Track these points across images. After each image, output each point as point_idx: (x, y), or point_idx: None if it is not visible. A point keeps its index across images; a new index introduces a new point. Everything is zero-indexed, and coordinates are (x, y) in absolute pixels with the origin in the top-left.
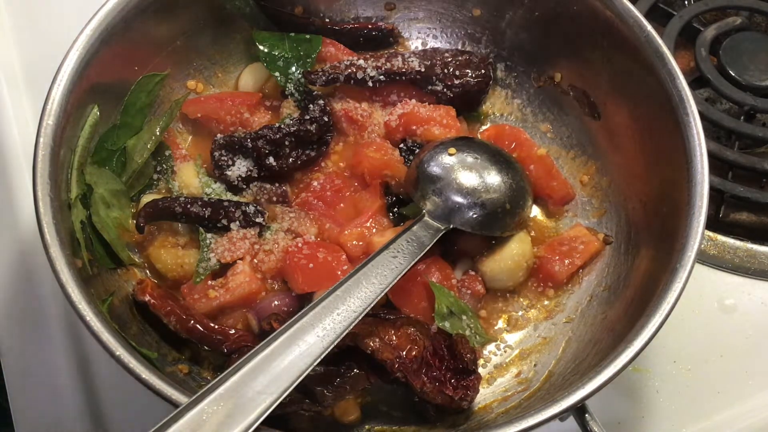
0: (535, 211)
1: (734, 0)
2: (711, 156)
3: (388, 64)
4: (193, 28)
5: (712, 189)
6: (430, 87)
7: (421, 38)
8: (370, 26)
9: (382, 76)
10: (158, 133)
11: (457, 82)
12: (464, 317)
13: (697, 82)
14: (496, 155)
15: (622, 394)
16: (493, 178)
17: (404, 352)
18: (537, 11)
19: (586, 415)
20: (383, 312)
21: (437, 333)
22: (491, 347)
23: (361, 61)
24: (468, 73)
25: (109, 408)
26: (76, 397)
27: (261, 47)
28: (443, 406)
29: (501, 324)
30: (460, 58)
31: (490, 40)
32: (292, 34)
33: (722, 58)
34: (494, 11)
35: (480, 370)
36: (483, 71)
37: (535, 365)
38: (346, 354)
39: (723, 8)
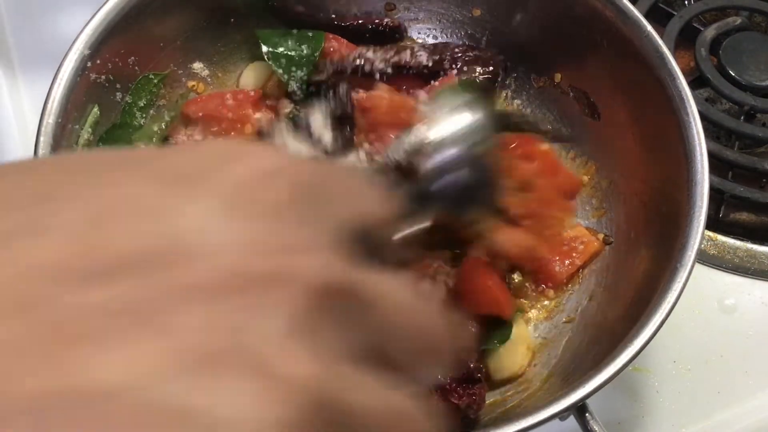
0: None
1: (734, 0)
2: (711, 156)
3: (396, 57)
4: (193, 28)
5: (712, 189)
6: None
7: (421, 39)
8: (376, 21)
9: (389, 69)
10: (159, 133)
11: (464, 78)
12: None
13: (697, 82)
14: None
15: (622, 394)
16: None
17: None
18: (537, 12)
19: (587, 415)
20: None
21: None
22: None
23: (370, 53)
24: (476, 69)
25: None
26: None
27: (265, 47)
28: (448, 416)
29: None
30: (470, 53)
31: (490, 40)
32: (295, 32)
33: (722, 58)
34: (494, 12)
35: None
36: (491, 68)
37: (535, 365)
38: None
39: (723, 8)
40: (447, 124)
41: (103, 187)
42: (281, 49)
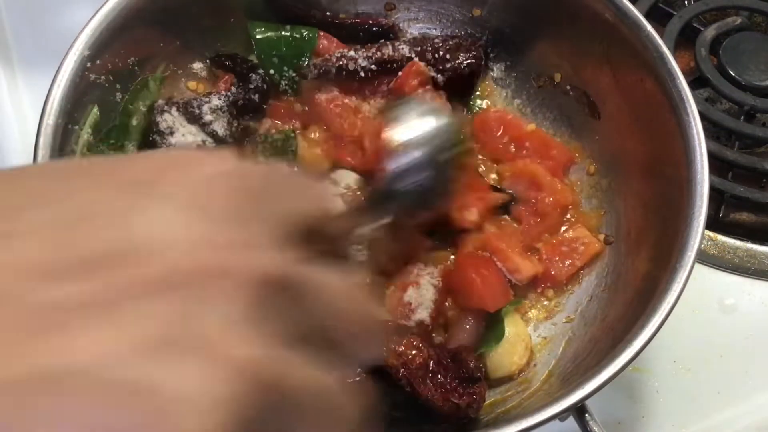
0: None
1: (734, 0)
2: (711, 156)
3: (378, 53)
4: (193, 28)
5: (712, 189)
6: None
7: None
8: (371, 21)
9: (373, 65)
10: None
11: (447, 66)
12: None
13: (697, 82)
14: None
15: (622, 394)
16: None
17: (409, 359)
18: (537, 12)
19: (586, 415)
20: (387, 322)
21: (441, 344)
22: None
23: (352, 52)
24: (459, 56)
25: None
26: None
27: (256, 45)
28: (449, 415)
29: None
30: (450, 42)
31: (490, 40)
32: (288, 33)
33: (722, 58)
34: (494, 12)
35: None
36: (474, 53)
37: (535, 365)
38: None
39: (723, 8)
40: (413, 127)
41: (69, 194)
42: (274, 49)
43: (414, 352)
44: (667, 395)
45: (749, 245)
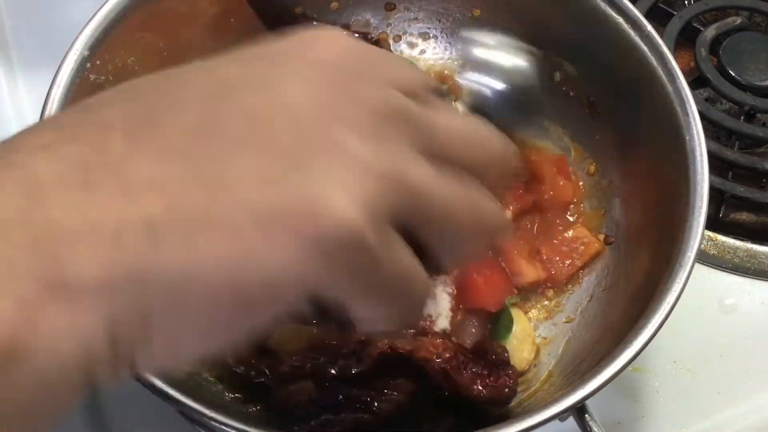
0: None
1: (734, 0)
2: (711, 156)
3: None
4: (193, 27)
5: (712, 189)
6: None
7: (421, 38)
8: (358, 34)
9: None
10: None
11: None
12: None
13: (697, 82)
14: None
15: (621, 394)
16: None
17: (440, 352)
18: (536, 11)
19: (586, 416)
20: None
21: (458, 342)
22: None
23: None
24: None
25: (110, 408)
26: None
27: None
28: (489, 401)
29: None
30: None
31: None
32: None
33: (722, 58)
34: (494, 12)
35: None
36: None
37: (535, 365)
38: (382, 366)
39: (723, 8)
40: None
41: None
42: None
43: (443, 345)
44: (667, 395)
45: (749, 245)
